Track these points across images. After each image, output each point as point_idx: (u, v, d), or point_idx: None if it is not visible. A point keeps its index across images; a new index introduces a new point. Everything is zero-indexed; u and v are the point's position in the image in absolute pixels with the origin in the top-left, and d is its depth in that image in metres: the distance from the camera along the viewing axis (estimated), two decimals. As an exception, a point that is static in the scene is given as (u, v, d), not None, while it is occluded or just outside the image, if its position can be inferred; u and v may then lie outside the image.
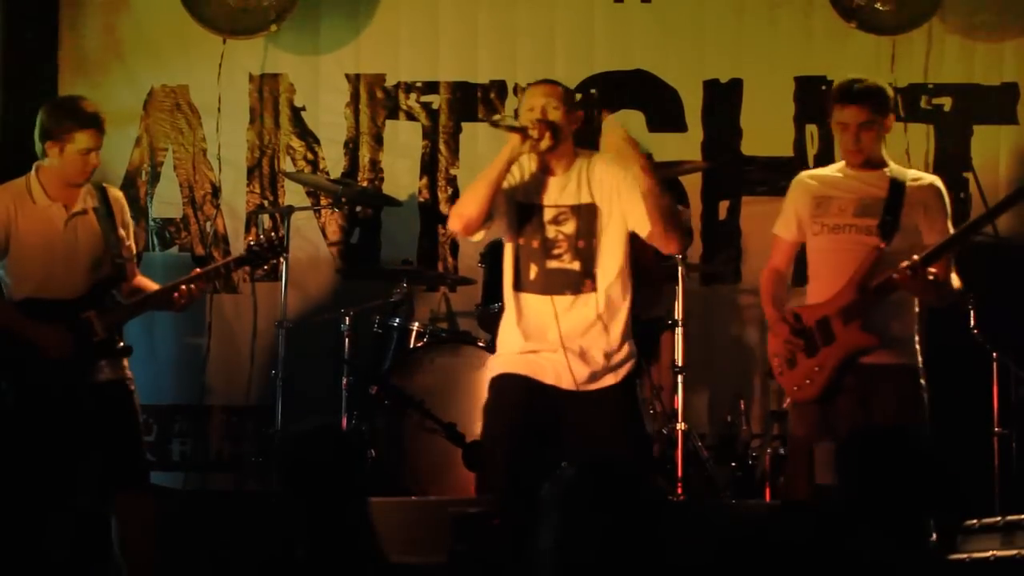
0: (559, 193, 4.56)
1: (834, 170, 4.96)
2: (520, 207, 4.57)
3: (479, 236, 4.61)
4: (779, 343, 4.84)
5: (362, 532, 2.96)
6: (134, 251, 5.08)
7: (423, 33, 7.04)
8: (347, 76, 7.05)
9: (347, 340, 6.27)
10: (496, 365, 4.62)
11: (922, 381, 4.83)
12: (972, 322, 5.79)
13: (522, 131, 4.46)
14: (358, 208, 6.95)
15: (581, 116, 4.67)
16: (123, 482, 4.85)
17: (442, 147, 7.03)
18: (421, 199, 7.01)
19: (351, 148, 7.05)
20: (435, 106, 7.04)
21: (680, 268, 5.91)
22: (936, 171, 6.86)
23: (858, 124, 4.78)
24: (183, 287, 4.92)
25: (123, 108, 7.00)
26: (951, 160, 6.88)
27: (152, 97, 7.01)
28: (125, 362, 4.93)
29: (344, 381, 6.21)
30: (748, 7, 6.97)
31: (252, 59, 7.01)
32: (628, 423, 4.58)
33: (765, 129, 6.93)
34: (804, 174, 5.03)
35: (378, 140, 7.06)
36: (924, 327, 6.30)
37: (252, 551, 5.28)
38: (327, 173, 6.94)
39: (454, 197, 6.98)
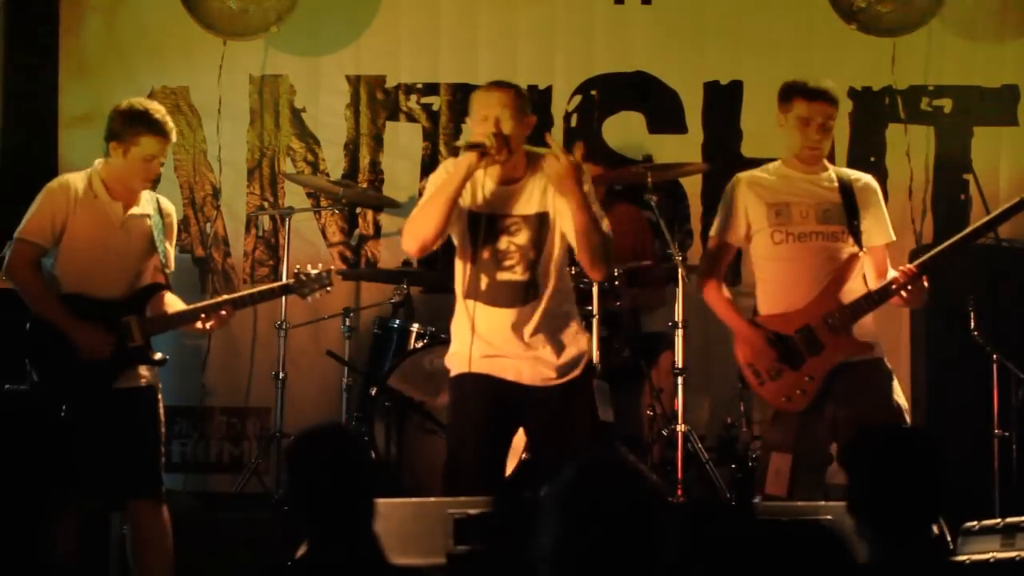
0: (512, 203, 4.50)
1: (776, 172, 4.87)
2: (472, 217, 4.50)
3: (433, 248, 4.55)
4: (756, 355, 4.77)
5: (366, 533, 2.95)
6: (172, 268, 5.04)
7: (423, 34, 7.04)
8: (347, 77, 7.06)
9: (347, 341, 6.28)
10: (455, 364, 4.59)
11: (889, 369, 4.84)
12: (972, 324, 5.78)
13: (479, 147, 4.37)
14: (358, 226, 6.96)
15: (533, 121, 4.55)
16: (138, 490, 4.80)
17: (442, 148, 7.03)
18: (421, 200, 7.01)
19: (351, 149, 7.05)
20: (435, 108, 7.05)
21: (680, 270, 5.91)
22: (937, 173, 6.90)
23: (825, 120, 4.75)
24: (228, 307, 4.90)
25: (124, 109, 7.00)
26: (951, 162, 6.88)
27: (153, 98, 6.99)
28: (155, 370, 4.92)
29: (344, 382, 6.21)
30: (748, 9, 6.97)
31: (252, 60, 7.01)
32: (592, 412, 4.62)
33: (765, 131, 6.87)
34: (745, 176, 4.90)
35: (378, 141, 7.06)
36: (926, 330, 6.33)
37: (253, 552, 5.28)
38: (327, 174, 6.95)
39: (455, 198, 6.97)
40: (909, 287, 4.67)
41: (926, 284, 4.72)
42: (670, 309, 6.00)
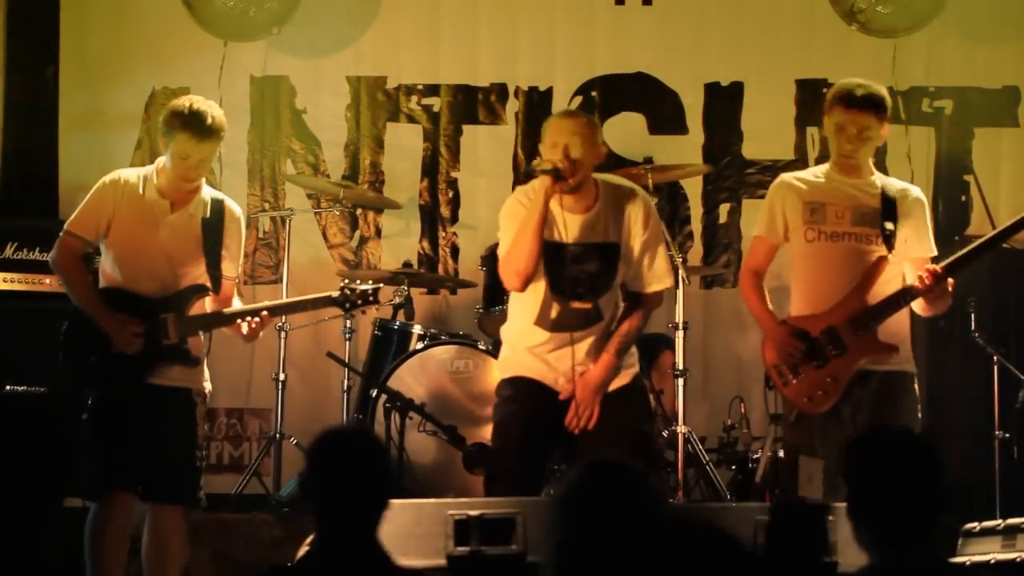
0: (583, 231, 4.55)
1: (820, 174, 4.84)
2: (548, 246, 4.53)
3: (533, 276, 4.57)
4: (782, 354, 4.74)
5: (374, 535, 2.94)
6: (234, 273, 4.94)
7: (424, 36, 7.05)
8: (348, 79, 7.06)
9: (347, 342, 6.28)
10: (508, 367, 4.66)
11: (916, 387, 4.81)
12: (973, 325, 5.78)
13: (554, 172, 4.43)
14: (359, 227, 6.95)
15: (604, 152, 4.68)
16: (160, 492, 4.72)
17: (443, 150, 7.03)
18: (421, 202, 7.01)
19: (352, 150, 7.05)
20: (436, 109, 7.05)
21: (681, 271, 5.91)
22: (937, 174, 6.90)
23: (861, 130, 4.71)
24: (264, 313, 4.86)
25: (124, 110, 7.01)
26: (952, 163, 6.88)
27: (153, 99, 6.99)
28: (205, 373, 4.88)
29: (344, 383, 6.21)
30: (749, 10, 6.97)
31: (253, 61, 7.01)
32: (640, 420, 4.66)
33: (766, 132, 6.94)
34: (788, 176, 4.90)
35: (379, 143, 7.06)
36: (926, 330, 6.32)
37: (254, 552, 5.28)
38: (328, 175, 6.95)
39: (455, 200, 6.99)
40: (933, 289, 4.64)
41: (951, 288, 4.67)
42: (670, 310, 6.00)
